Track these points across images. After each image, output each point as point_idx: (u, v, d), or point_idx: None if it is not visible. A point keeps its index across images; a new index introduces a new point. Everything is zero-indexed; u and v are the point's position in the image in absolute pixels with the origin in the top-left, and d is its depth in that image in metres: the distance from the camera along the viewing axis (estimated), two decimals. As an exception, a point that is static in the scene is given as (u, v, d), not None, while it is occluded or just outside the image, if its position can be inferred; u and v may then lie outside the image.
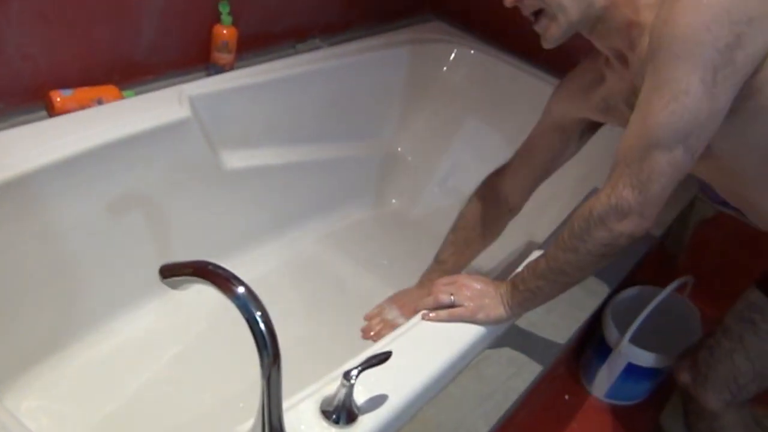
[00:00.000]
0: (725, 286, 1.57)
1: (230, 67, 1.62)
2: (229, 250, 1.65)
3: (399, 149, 2.05)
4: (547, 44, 1.04)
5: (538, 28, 1.03)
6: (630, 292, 1.54)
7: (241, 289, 0.76)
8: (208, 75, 1.58)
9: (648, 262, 1.76)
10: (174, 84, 1.49)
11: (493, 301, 1.11)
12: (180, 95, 1.44)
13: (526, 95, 1.97)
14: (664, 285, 1.50)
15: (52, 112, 1.33)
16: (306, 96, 1.75)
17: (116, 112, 1.36)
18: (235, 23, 1.59)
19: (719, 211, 1.76)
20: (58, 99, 1.33)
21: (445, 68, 2.08)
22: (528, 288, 1.08)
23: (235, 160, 1.61)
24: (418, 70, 2.03)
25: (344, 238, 1.88)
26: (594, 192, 1.31)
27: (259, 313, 0.76)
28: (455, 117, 2.07)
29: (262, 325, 0.76)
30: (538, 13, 1.01)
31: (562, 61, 2.03)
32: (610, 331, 1.47)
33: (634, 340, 1.46)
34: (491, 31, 2.15)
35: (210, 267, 0.78)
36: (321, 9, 1.90)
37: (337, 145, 1.88)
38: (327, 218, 1.89)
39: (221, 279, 0.77)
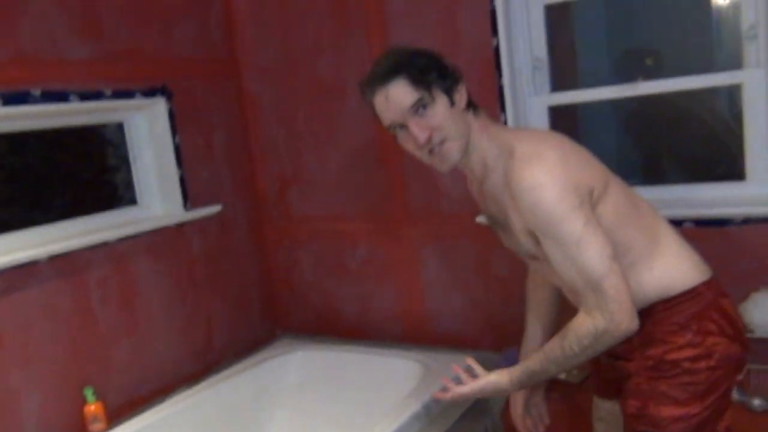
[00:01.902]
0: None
1: (105, 429, 2.14)
2: None
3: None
4: (447, 167, 1.43)
5: (438, 156, 1.41)
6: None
7: None
8: (86, 442, 2.09)
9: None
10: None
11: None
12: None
13: (360, 370, 2.53)
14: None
15: None
16: (181, 427, 2.24)
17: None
18: (101, 399, 2.15)
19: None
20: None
21: (296, 369, 2.63)
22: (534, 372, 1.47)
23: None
24: (275, 377, 2.58)
25: None
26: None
27: None
28: (313, 402, 2.55)
29: None
30: (439, 145, 1.39)
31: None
32: None
33: None
34: (326, 330, 2.78)
35: None
36: (183, 365, 2.49)
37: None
38: None
39: None
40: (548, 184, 1.30)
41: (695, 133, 2.34)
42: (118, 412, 2.23)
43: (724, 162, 2.17)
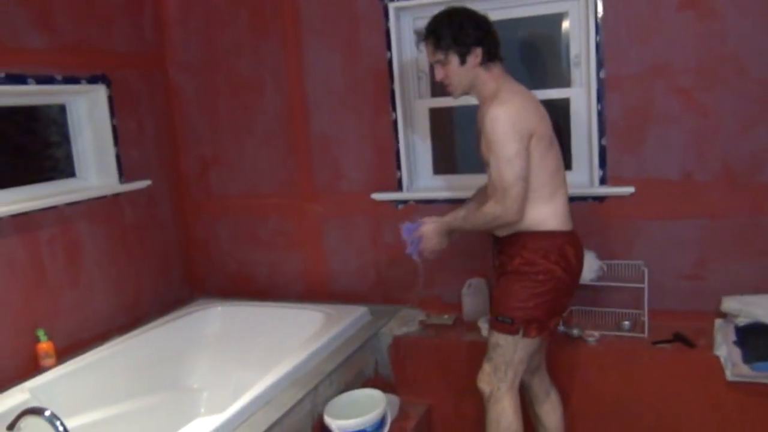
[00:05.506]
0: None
1: (54, 366, 2.51)
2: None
3: (195, 386, 2.93)
4: (453, 98, 2.17)
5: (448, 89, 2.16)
6: (347, 395, 2.44)
7: (48, 412, 1.62)
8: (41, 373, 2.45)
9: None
10: (17, 385, 2.35)
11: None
12: (22, 389, 2.30)
13: (271, 321, 3.01)
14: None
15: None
16: (118, 366, 2.64)
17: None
18: (51, 339, 2.52)
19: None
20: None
21: (216, 321, 3.09)
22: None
23: (74, 422, 2.41)
24: (193, 331, 3.01)
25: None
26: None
27: (58, 422, 1.61)
28: (232, 348, 3.01)
29: (60, 428, 1.60)
30: (446, 86, 2.14)
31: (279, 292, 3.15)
32: (326, 421, 2.33)
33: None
34: (239, 293, 3.25)
35: (30, 408, 1.64)
36: (116, 316, 2.88)
37: (149, 396, 2.73)
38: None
39: (36, 411, 1.62)
40: (501, 119, 1.98)
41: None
42: (65, 352, 2.60)
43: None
